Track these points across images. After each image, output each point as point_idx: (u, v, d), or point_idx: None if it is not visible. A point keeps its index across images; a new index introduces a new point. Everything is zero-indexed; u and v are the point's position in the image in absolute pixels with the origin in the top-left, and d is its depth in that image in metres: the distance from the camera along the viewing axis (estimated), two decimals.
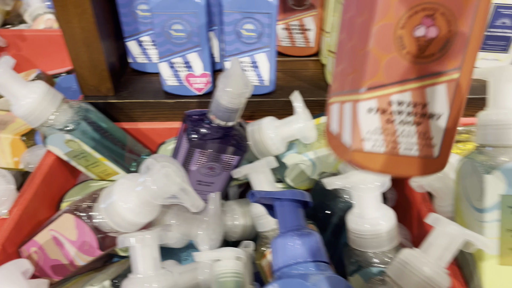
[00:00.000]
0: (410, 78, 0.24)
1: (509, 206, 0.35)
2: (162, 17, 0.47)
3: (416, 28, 0.23)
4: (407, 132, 0.25)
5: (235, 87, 0.38)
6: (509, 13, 0.53)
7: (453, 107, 0.25)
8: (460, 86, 0.25)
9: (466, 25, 0.23)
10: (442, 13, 0.23)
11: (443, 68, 0.24)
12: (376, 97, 0.25)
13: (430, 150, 0.26)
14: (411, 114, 0.25)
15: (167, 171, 0.36)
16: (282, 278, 0.34)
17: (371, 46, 0.24)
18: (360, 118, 0.25)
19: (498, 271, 0.35)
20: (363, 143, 0.25)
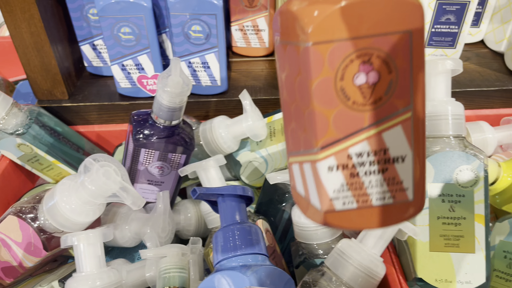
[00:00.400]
0: (363, 127, 0.23)
1: (437, 194, 0.36)
2: (109, 20, 0.48)
3: (355, 76, 0.23)
4: (375, 181, 0.24)
5: (174, 86, 0.39)
6: (452, 9, 0.55)
7: (415, 145, 0.24)
8: (416, 123, 0.24)
9: (404, 62, 0.23)
10: (378, 56, 0.22)
11: (394, 110, 0.23)
12: (333, 154, 0.24)
13: (404, 194, 0.25)
14: (374, 163, 0.24)
15: (106, 170, 0.37)
16: (221, 270, 0.35)
17: (314, 104, 0.23)
18: (322, 178, 0.24)
19: (429, 257, 0.36)
20: (333, 203, 0.24)
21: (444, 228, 0.36)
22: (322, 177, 0.24)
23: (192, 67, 0.52)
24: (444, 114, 0.37)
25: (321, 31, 0.21)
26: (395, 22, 0.22)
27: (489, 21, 0.63)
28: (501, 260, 0.38)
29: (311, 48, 0.22)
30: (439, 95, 0.38)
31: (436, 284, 0.36)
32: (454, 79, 0.57)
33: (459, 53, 0.59)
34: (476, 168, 0.36)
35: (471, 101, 0.57)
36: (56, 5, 0.52)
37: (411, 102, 0.23)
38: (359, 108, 0.23)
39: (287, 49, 0.23)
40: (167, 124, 0.42)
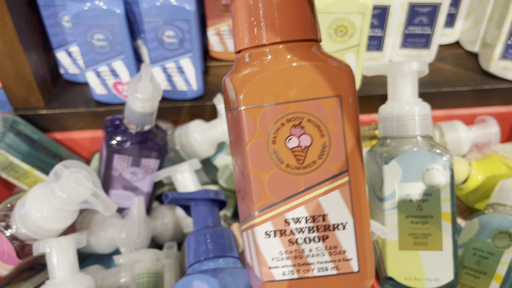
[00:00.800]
0: (298, 191, 0.23)
1: (406, 194, 0.37)
2: (82, 27, 0.48)
3: (287, 139, 0.23)
4: (316, 250, 0.24)
5: (144, 92, 0.39)
6: (424, 11, 0.56)
7: (356, 212, 0.23)
8: (355, 188, 0.23)
9: (336, 125, 0.23)
10: (309, 120, 0.22)
11: (330, 174, 0.23)
12: (270, 219, 0.23)
13: (348, 265, 0.24)
14: (314, 230, 0.23)
15: (77, 176, 0.37)
16: (191, 274, 0.36)
17: (249, 167, 0.23)
18: (260, 244, 0.23)
19: (398, 256, 0.37)
20: (272, 272, 0.24)
21: (412, 227, 0.37)
22: (260, 244, 0.23)
23: (167, 72, 0.52)
24: (411, 114, 0.38)
25: (251, 96, 0.22)
26: (323, 87, 0.22)
27: (463, 22, 0.64)
28: (471, 257, 0.39)
29: (243, 112, 0.22)
30: (406, 96, 0.39)
31: (405, 282, 0.37)
32: (429, 80, 0.58)
33: (434, 54, 0.60)
34: (442, 167, 0.36)
35: (446, 101, 0.57)
36: (30, 13, 0.52)
37: (348, 166, 0.23)
38: (294, 172, 0.23)
39: (230, 115, 0.24)
40: (139, 129, 0.42)
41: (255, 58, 0.23)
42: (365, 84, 0.57)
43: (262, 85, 0.22)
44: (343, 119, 0.23)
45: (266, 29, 0.22)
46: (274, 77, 0.22)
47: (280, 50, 0.22)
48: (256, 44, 0.23)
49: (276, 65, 0.22)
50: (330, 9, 0.48)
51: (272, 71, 0.22)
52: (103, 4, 0.47)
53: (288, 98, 0.22)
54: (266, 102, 0.22)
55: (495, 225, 0.38)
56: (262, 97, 0.22)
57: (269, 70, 0.22)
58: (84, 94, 0.57)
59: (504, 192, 0.40)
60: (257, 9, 0.22)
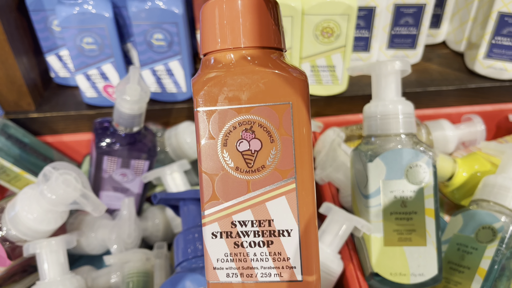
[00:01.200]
0: (246, 194, 0.23)
1: (390, 191, 0.38)
2: (71, 31, 0.48)
3: (238, 142, 0.23)
4: (260, 254, 0.24)
5: (132, 94, 0.40)
6: (410, 12, 0.57)
7: (302, 220, 0.23)
8: (301, 195, 0.23)
9: (286, 132, 0.23)
10: (260, 124, 0.23)
11: (277, 180, 0.23)
12: (217, 220, 0.24)
13: (292, 273, 0.24)
14: (259, 234, 0.23)
15: (66, 178, 0.37)
16: (180, 272, 0.36)
17: (201, 167, 0.23)
18: (207, 244, 0.24)
19: (384, 252, 0.38)
20: (217, 273, 0.24)
21: (397, 223, 0.37)
22: (207, 243, 0.24)
23: (157, 75, 0.53)
24: (394, 113, 0.39)
25: (205, 98, 0.23)
26: (275, 93, 0.23)
27: (449, 23, 0.65)
28: (455, 252, 0.39)
29: (198, 113, 0.23)
30: (390, 95, 0.39)
31: (391, 278, 0.37)
32: (415, 80, 0.59)
33: (420, 54, 0.61)
34: (425, 164, 0.37)
35: (432, 100, 0.58)
36: (19, 17, 0.52)
37: (295, 173, 0.23)
38: (242, 175, 0.23)
39: (194, 115, 0.24)
40: (128, 131, 0.42)
41: (217, 62, 0.23)
42: (353, 84, 0.57)
43: (216, 88, 0.23)
44: (293, 126, 0.23)
45: (229, 34, 0.23)
46: (229, 81, 0.23)
47: (240, 55, 0.23)
48: (219, 48, 0.23)
49: (232, 70, 0.23)
50: (316, 11, 0.49)
51: (227, 75, 0.23)
52: (92, 8, 0.48)
53: (241, 102, 0.23)
54: (219, 105, 0.23)
55: (478, 220, 0.39)
56: (215, 99, 0.23)
57: (224, 74, 0.23)
58: (75, 97, 0.57)
59: (488, 188, 0.40)
60: (222, 15, 0.23)
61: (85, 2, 0.47)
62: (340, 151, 0.46)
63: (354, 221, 0.38)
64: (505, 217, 0.38)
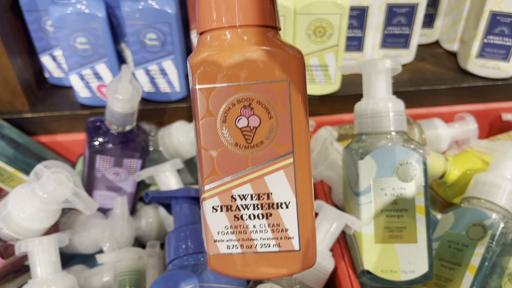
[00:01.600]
0: (245, 169, 0.24)
1: (380, 188, 0.38)
2: (65, 31, 0.48)
3: (237, 119, 0.24)
4: (259, 226, 0.25)
5: (124, 93, 0.40)
6: (402, 11, 0.57)
7: (299, 193, 0.24)
8: (299, 169, 0.24)
9: (284, 108, 0.24)
10: (258, 101, 0.24)
11: (276, 155, 0.24)
12: (217, 194, 0.24)
13: (290, 243, 0.25)
14: (258, 207, 0.24)
15: (57, 176, 0.37)
16: (171, 270, 0.36)
17: (201, 143, 0.24)
18: (207, 218, 0.25)
19: (374, 249, 0.38)
20: (217, 245, 0.25)
21: (388, 221, 0.38)
22: (207, 217, 0.25)
23: (150, 74, 0.53)
24: (385, 111, 0.39)
25: (204, 76, 0.23)
26: (273, 71, 0.23)
27: (442, 22, 0.65)
28: (446, 249, 0.40)
29: (197, 90, 0.24)
30: (380, 93, 0.40)
31: (382, 275, 0.37)
32: (408, 79, 0.59)
33: (413, 53, 0.62)
34: (416, 162, 0.37)
35: (425, 99, 0.58)
36: (13, 18, 0.52)
37: (293, 148, 0.24)
38: (242, 151, 0.24)
39: (191, 93, 0.25)
40: (120, 130, 0.43)
41: (214, 40, 0.24)
42: (346, 83, 0.58)
43: (215, 66, 0.23)
44: (290, 103, 0.24)
45: (226, 12, 0.23)
46: (227, 59, 0.23)
47: (236, 34, 0.23)
48: (215, 27, 0.24)
49: (230, 48, 0.23)
50: (308, 10, 0.49)
51: (225, 53, 0.23)
52: (85, 8, 0.48)
53: (239, 80, 0.23)
54: (219, 82, 0.23)
55: (469, 217, 0.39)
56: (214, 77, 0.23)
57: (223, 51, 0.23)
58: (69, 97, 0.57)
59: (479, 186, 0.40)
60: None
61: (78, 2, 0.48)
62: (332, 149, 0.46)
63: (345, 219, 0.38)
64: (495, 214, 0.38)
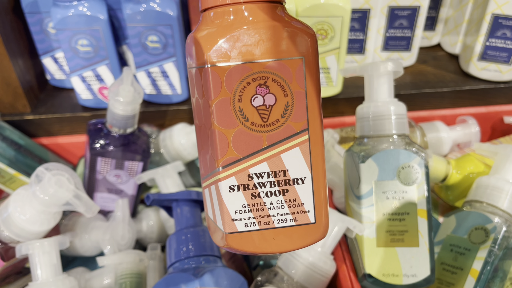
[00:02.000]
0: (262, 148, 0.24)
1: (382, 192, 0.38)
2: (66, 33, 0.48)
3: (253, 98, 0.24)
4: (276, 203, 0.25)
5: (125, 95, 0.40)
6: (404, 14, 0.57)
7: (314, 168, 0.25)
8: (314, 145, 0.25)
9: (299, 86, 0.24)
10: (273, 79, 0.23)
11: (291, 132, 0.24)
12: (234, 174, 0.24)
13: (306, 216, 0.25)
14: (275, 184, 0.25)
15: (59, 178, 0.37)
16: (172, 273, 0.36)
17: (215, 124, 0.24)
18: (224, 198, 0.25)
19: (376, 253, 0.38)
20: (235, 224, 0.25)
21: (389, 224, 0.38)
22: (224, 197, 0.24)
23: (152, 77, 0.53)
24: (387, 114, 0.39)
25: (218, 54, 0.23)
26: (288, 48, 0.23)
27: (443, 25, 0.65)
28: (448, 253, 0.39)
29: (210, 70, 0.23)
30: (382, 96, 0.39)
31: (383, 278, 0.37)
32: (410, 82, 0.59)
33: (415, 56, 0.61)
34: (417, 165, 0.37)
35: (427, 102, 0.58)
36: (15, 20, 0.52)
37: (308, 125, 0.24)
38: (258, 129, 0.24)
39: (195, 74, 0.24)
40: (122, 132, 0.43)
41: (220, 16, 0.23)
42: (348, 86, 0.58)
43: (229, 43, 0.23)
44: (305, 80, 0.24)
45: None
46: (241, 36, 0.23)
47: (245, 10, 0.23)
48: (222, 3, 0.23)
49: (243, 24, 0.23)
50: (310, 13, 0.49)
51: (239, 30, 0.23)
52: (87, 11, 0.48)
53: (254, 58, 0.23)
54: (233, 61, 0.23)
55: (471, 221, 0.39)
56: (229, 55, 0.23)
57: (236, 29, 0.23)
58: (71, 99, 0.57)
59: (481, 189, 0.40)
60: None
61: (80, 4, 0.48)
62: (333, 152, 0.46)
63: (347, 222, 0.38)
64: (498, 218, 0.38)
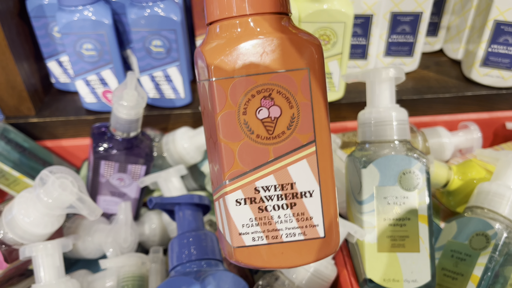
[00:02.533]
0: (268, 161, 0.24)
1: (383, 197, 0.38)
2: (71, 37, 0.49)
3: (258, 110, 0.23)
4: (284, 216, 0.25)
5: (129, 99, 0.40)
6: (406, 20, 0.57)
7: (322, 181, 0.24)
8: (322, 157, 0.24)
9: (304, 97, 0.23)
10: (278, 91, 0.23)
11: (298, 144, 0.24)
12: (240, 187, 0.24)
13: (315, 230, 0.25)
14: (282, 197, 0.24)
15: (62, 181, 0.38)
16: (174, 276, 0.36)
17: (220, 137, 0.24)
18: (231, 212, 0.24)
19: (377, 258, 0.38)
20: (242, 238, 0.25)
21: (390, 229, 0.38)
22: (231, 211, 0.24)
23: (155, 81, 0.53)
24: (389, 120, 0.39)
25: (222, 68, 0.23)
26: (293, 59, 0.23)
27: (446, 31, 0.65)
28: (449, 259, 0.40)
29: (214, 83, 0.23)
30: (384, 102, 0.40)
31: (384, 284, 0.37)
32: (412, 87, 0.59)
33: (417, 62, 0.62)
34: (418, 171, 0.37)
35: (429, 108, 0.59)
36: (21, 24, 0.53)
37: (315, 136, 0.24)
38: (264, 142, 0.24)
39: (202, 87, 0.24)
40: (125, 136, 0.43)
41: (225, 29, 0.23)
42: (350, 91, 0.58)
43: (233, 56, 0.23)
44: (311, 91, 0.23)
45: (237, 1, 0.23)
46: (245, 49, 0.23)
47: (250, 22, 0.23)
48: (227, 16, 0.23)
49: (247, 37, 0.23)
50: (312, 19, 0.49)
51: (243, 43, 0.23)
52: (92, 15, 0.48)
53: (259, 70, 0.23)
54: (237, 74, 0.23)
55: (472, 227, 0.39)
56: (233, 68, 0.23)
57: (240, 42, 0.23)
58: (75, 102, 0.58)
59: (482, 195, 0.40)
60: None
61: (85, 9, 0.48)
62: (335, 157, 0.46)
63: (348, 227, 0.38)
64: (499, 224, 0.38)
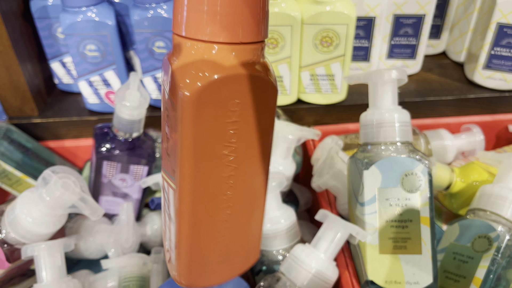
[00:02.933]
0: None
1: (385, 199, 0.38)
2: (75, 38, 0.49)
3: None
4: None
5: (132, 100, 0.40)
6: (409, 22, 0.57)
7: (177, 215, 0.25)
8: (180, 196, 0.25)
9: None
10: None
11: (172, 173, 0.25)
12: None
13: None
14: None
15: (65, 181, 0.38)
16: None
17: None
18: None
19: (379, 260, 0.38)
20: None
21: (392, 231, 0.38)
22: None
23: (158, 82, 0.53)
24: (391, 121, 0.39)
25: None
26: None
27: (448, 33, 0.65)
28: (451, 261, 0.39)
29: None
30: (386, 103, 0.40)
31: (386, 285, 0.37)
32: (415, 90, 0.59)
33: (420, 64, 0.62)
34: (421, 172, 0.37)
35: (432, 110, 0.59)
36: (25, 24, 0.53)
37: (176, 179, 0.24)
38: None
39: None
40: (128, 136, 0.43)
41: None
42: (352, 93, 0.58)
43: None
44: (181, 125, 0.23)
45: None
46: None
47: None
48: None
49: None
50: (315, 20, 0.49)
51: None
52: (96, 16, 0.48)
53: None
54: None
55: (474, 229, 0.39)
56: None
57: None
58: (78, 103, 0.58)
59: (484, 198, 0.40)
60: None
61: (89, 10, 0.48)
62: (337, 158, 0.46)
63: (349, 228, 0.38)
64: (501, 227, 0.38)
